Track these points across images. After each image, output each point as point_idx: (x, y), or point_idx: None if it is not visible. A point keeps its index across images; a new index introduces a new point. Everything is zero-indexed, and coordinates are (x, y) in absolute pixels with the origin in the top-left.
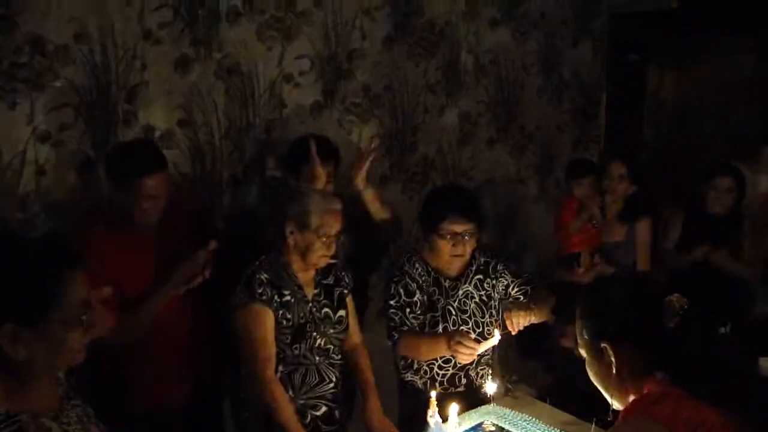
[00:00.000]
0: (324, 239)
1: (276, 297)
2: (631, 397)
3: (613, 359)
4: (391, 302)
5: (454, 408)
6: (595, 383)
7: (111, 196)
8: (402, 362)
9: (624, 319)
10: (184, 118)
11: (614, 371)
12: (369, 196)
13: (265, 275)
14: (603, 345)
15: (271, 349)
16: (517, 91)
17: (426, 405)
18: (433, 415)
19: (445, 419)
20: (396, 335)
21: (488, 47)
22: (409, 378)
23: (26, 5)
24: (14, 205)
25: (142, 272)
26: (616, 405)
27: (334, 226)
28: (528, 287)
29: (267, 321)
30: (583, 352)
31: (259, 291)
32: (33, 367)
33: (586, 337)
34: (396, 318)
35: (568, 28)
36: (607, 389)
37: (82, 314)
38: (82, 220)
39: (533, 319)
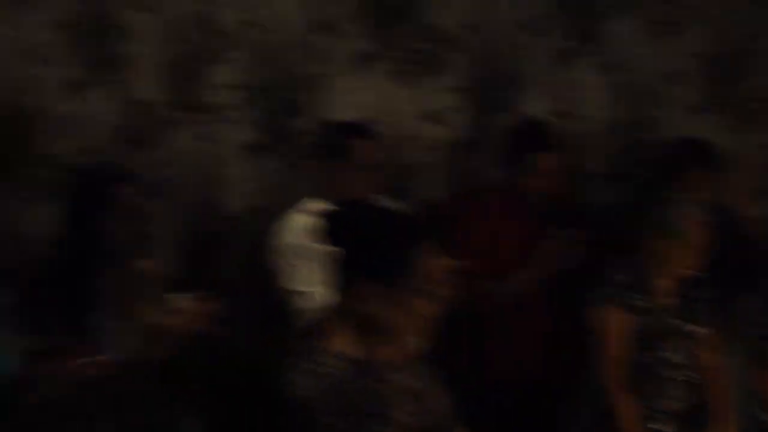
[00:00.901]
0: (687, 250)
1: (632, 301)
2: None
3: None
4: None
5: None
6: None
7: (500, 172)
8: (761, 398)
9: None
10: (560, 109)
11: None
12: (748, 211)
13: (624, 277)
14: None
15: (621, 352)
16: None
17: None
18: None
19: None
20: (761, 367)
21: None
22: (765, 418)
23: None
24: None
25: (518, 248)
26: None
27: (700, 237)
28: None
29: (620, 323)
30: None
31: (616, 293)
32: (381, 324)
33: None
34: (765, 348)
35: None
36: None
37: (425, 285)
38: (466, 196)
39: None
